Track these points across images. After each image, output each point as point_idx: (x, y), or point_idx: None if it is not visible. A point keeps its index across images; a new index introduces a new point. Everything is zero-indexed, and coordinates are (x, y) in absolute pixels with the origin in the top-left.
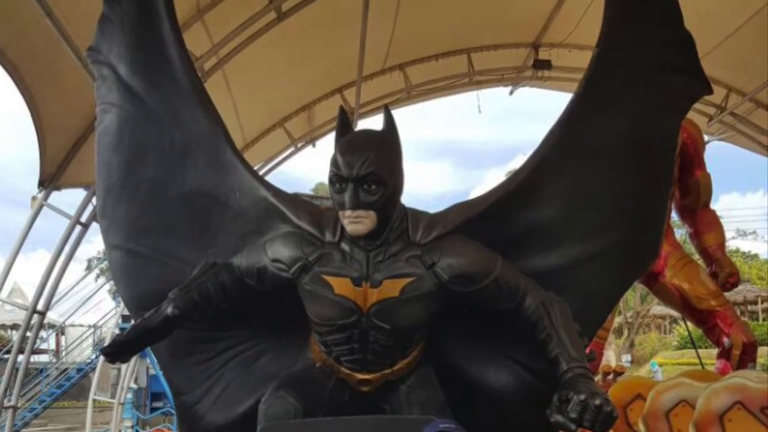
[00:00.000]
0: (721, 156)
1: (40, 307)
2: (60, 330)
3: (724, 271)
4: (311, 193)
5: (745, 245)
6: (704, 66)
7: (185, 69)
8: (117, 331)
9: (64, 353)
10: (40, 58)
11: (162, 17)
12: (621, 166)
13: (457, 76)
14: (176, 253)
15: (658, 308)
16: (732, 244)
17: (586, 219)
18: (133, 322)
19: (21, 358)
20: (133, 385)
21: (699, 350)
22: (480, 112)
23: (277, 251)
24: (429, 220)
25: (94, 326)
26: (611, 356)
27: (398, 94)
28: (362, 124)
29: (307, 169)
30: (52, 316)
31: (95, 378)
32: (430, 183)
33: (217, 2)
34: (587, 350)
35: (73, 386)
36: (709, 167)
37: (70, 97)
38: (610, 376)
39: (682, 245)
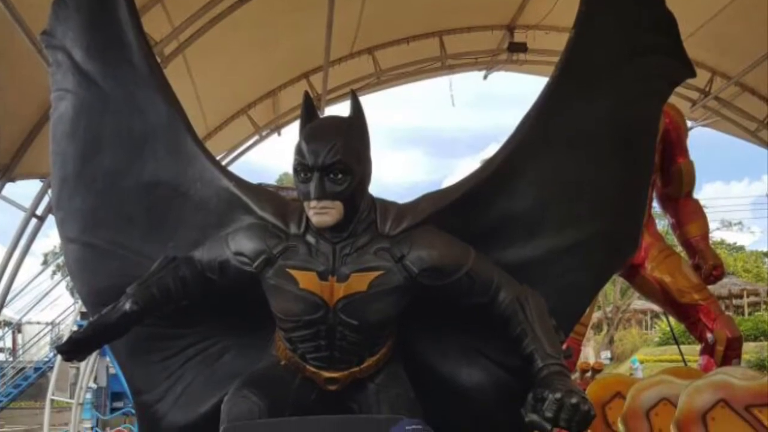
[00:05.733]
0: (704, 143)
1: None
2: (16, 328)
3: (707, 263)
4: (276, 183)
5: (730, 236)
6: (687, 48)
7: (143, 54)
8: (75, 329)
9: (20, 352)
10: None
11: None
12: (599, 153)
13: (429, 60)
14: (135, 247)
15: (639, 303)
16: (716, 235)
17: (562, 209)
18: (90, 318)
19: None
20: (93, 385)
21: (681, 346)
22: (453, 105)
23: (240, 244)
24: (398, 210)
25: (52, 323)
26: (590, 353)
27: (367, 79)
28: (329, 111)
29: (271, 158)
30: (7, 313)
31: (53, 377)
32: (400, 172)
33: None
34: (564, 346)
35: (31, 386)
36: (692, 155)
37: (25, 84)
38: (588, 374)
39: (664, 236)
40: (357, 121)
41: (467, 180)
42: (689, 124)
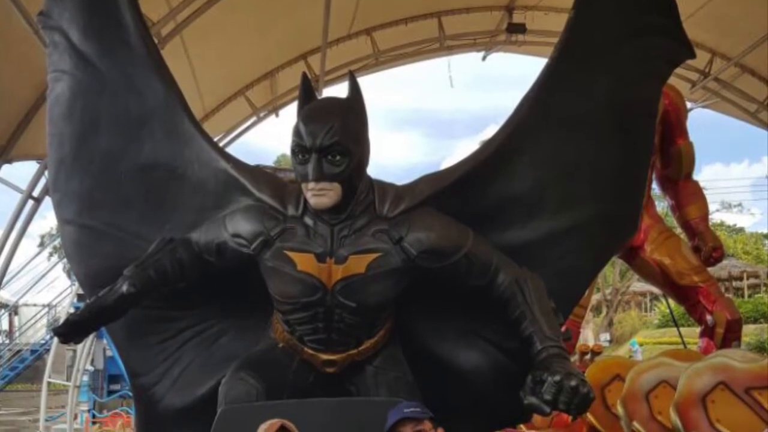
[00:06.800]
0: (704, 124)
1: None
2: (13, 310)
3: (707, 245)
4: (274, 165)
5: (730, 218)
6: (686, 28)
7: (140, 34)
8: (72, 311)
9: (17, 334)
10: None
11: None
12: (598, 134)
13: (427, 41)
14: (132, 228)
15: (639, 285)
16: (716, 216)
17: (561, 190)
18: (87, 300)
19: None
20: (90, 367)
21: (681, 328)
22: (452, 86)
23: (238, 226)
24: (396, 192)
25: (49, 306)
26: (589, 335)
27: (365, 60)
28: (327, 92)
29: (269, 139)
30: (4, 295)
31: (50, 360)
32: (398, 154)
33: None
34: (563, 329)
35: (27, 368)
36: (692, 136)
37: (22, 65)
38: (588, 356)
39: (664, 218)
40: (355, 103)
41: (466, 161)
42: (689, 105)
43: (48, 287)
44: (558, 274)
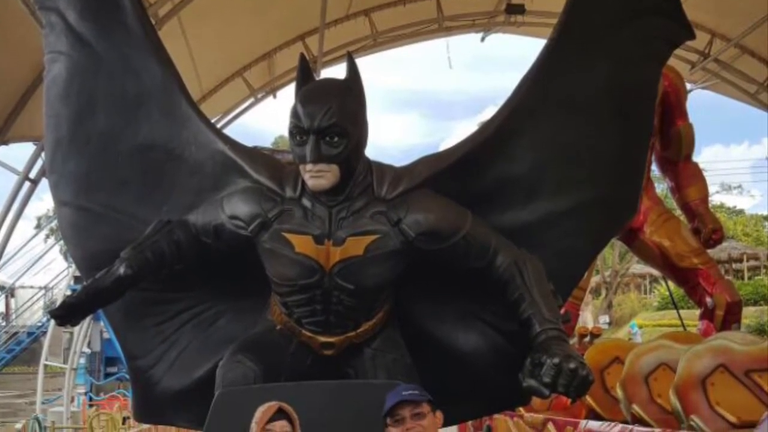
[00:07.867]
0: (703, 106)
1: None
2: (9, 292)
3: (707, 226)
4: (271, 146)
5: (730, 200)
6: (686, 9)
7: (137, 15)
8: (69, 293)
9: (13, 316)
10: None
11: None
12: (597, 116)
13: (426, 22)
14: (129, 210)
15: (638, 267)
16: (716, 198)
17: (561, 172)
18: (84, 282)
19: None
20: (87, 350)
21: (681, 311)
22: (451, 67)
23: (235, 207)
24: (395, 174)
25: (46, 288)
26: (588, 317)
27: (363, 41)
28: (325, 74)
29: (267, 121)
30: (0, 277)
31: (46, 342)
32: (396, 135)
33: None
34: (562, 311)
35: (24, 351)
36: (692, 117)
37: (18, 47)
38: (587, 339)
39: (663, 200)
40: (353, 84)
41: (464, 143)
42: (688, 86)
43: (45, 269)
44: (557, 255)
